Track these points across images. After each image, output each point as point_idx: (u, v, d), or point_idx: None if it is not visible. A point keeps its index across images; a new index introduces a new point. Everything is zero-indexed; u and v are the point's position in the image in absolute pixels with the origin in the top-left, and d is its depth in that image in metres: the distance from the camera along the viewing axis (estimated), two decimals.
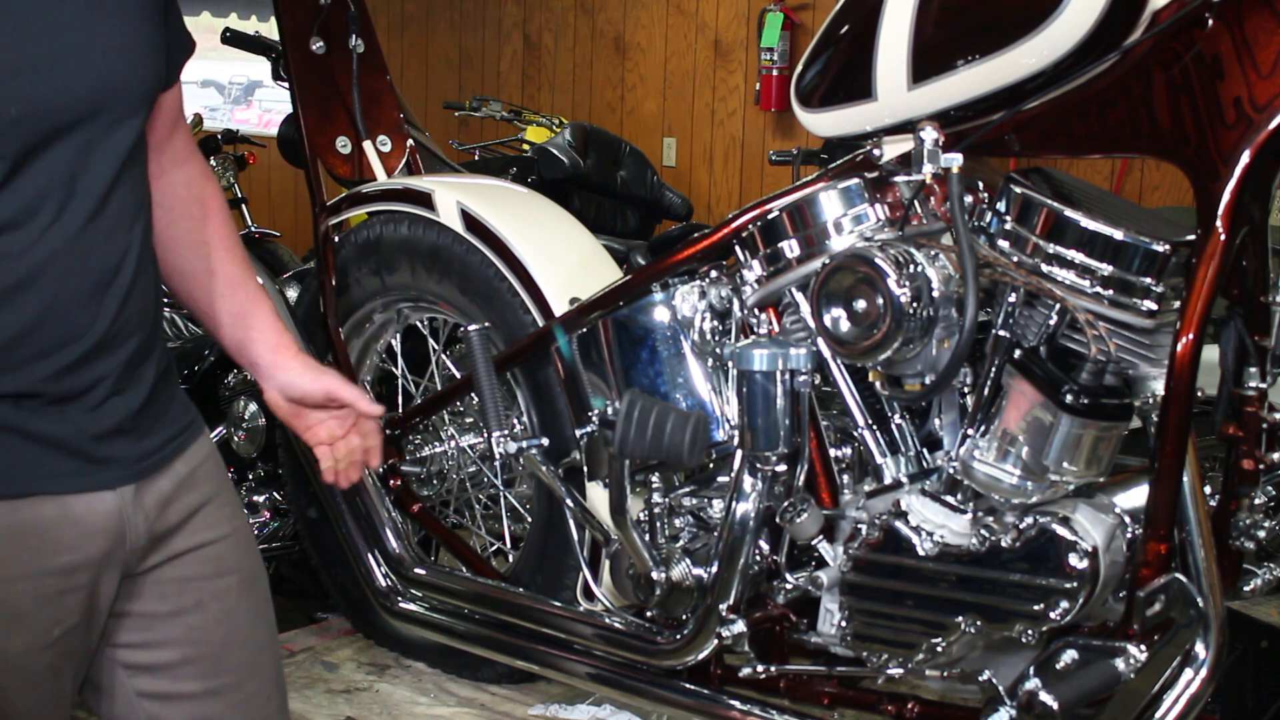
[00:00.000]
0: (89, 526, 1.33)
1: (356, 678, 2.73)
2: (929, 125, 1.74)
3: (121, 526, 1.35)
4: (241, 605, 1.49)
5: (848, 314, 1.80)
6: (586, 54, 6.66)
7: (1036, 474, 1.70)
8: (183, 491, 1.42)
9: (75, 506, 1.32)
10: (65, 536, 1.31)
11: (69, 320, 1.29)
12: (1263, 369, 1.71)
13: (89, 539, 1.33)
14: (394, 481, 2.71)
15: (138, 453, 1.36)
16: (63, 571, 1.32)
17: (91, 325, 1.30)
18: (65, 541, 1.32)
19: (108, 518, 1.34)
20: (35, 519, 1.30)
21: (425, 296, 2.59)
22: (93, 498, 1.33)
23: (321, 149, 2.78)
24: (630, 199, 5.14)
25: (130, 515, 1.36)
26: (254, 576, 1.52)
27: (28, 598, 1.31)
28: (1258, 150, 1.55)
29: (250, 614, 1.50)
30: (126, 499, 1.35)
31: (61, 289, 1.28)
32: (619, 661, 2.19)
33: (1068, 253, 1.70)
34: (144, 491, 1.37)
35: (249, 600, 1.50)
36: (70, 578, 1.33)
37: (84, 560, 1.33)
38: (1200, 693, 1.63)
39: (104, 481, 1.33)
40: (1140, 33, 1.65)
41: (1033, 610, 1.71)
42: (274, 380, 1.61)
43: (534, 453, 2.10)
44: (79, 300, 1.29)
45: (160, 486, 1.39)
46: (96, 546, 1.34)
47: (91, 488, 1.33)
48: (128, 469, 1.35)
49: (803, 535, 1.92)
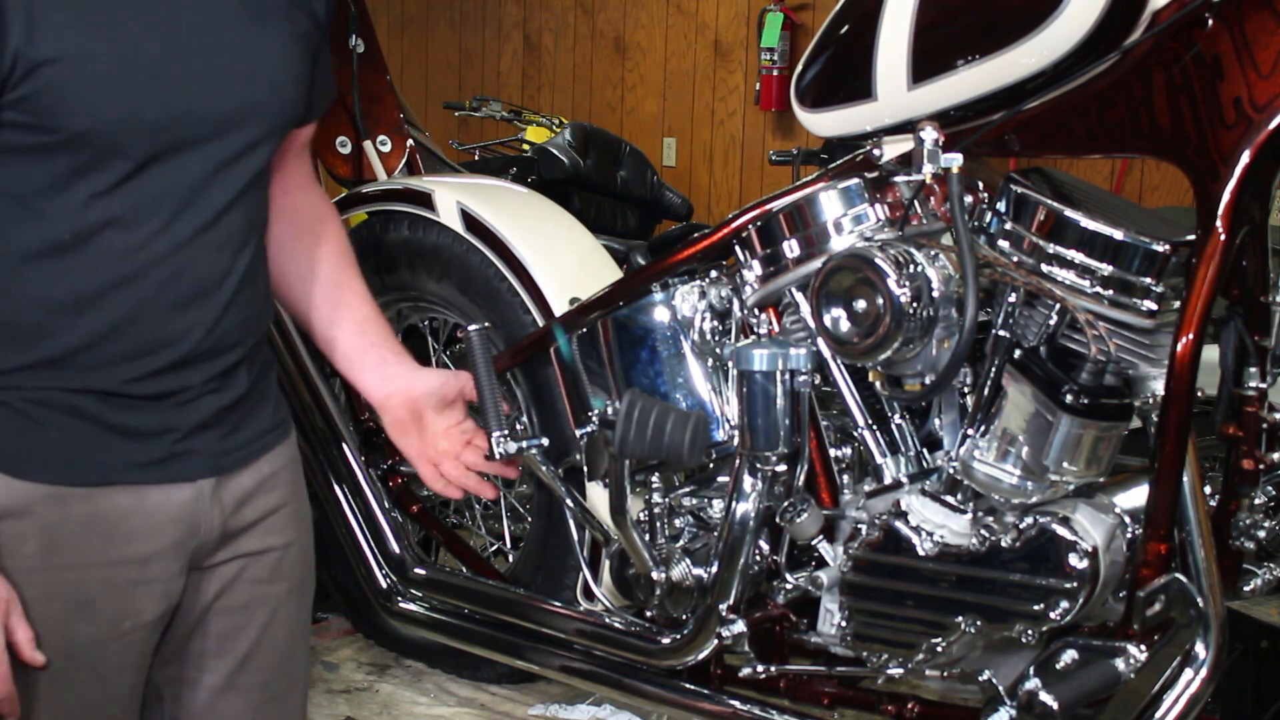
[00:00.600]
0: (163, 516, 1.35)
1: (356, 678, 2.73)
2: (929, 125, 1.73)
3: (195, 518, 1.37)
4: (284, 612, 1.50)
5: (848, 314, 1.80)
6: (586, 54, 6.66)
7: (1036, 474, 1.70)
8: (262, 491, 1.44)
9: (151, 497, 1.34)
10: (138, 526, 1.33)
11: (161, 327, 1.31)
12: (1263, 369, 1.71)
13: (162, 529, 1.35)
14: (394, 481, 2.71)
15: (222, 447, 1.38)
16: (134, 561, 1.34)
17: (184, 336, 1.32)
18: (138, 531, 1.33)
19: (182, 509, 1.35)
20: (111, 508, 1.32)
21: (425, 296, 2.59)
22: (169, 489, 1.35)
23: (321, 149, 2.78)
24: (630, 199, 5.14)
25: (206, 508, 1.37)
26: (304, 586, 1.54)
27: (98, 586, 1.32)
28: (1258, 150, 1.55)
29: (289, 622, 1.52)
30: (204, 492, 1.37)
31: (158, 295, 1.30)
32: (619, 661, 2.19)
33: (1068, 253, 1.70)
34: (224, 486, 1.39)
35: (292, 609, 1.52)
36: (143, 569, 1.34)
37: (156, 550, 1.35)
38: (1200, 693, 1.63)
39: (182, 473, 1.35)
40: (1140, 33, 1.65)
41: (1033, 610, 1.71)
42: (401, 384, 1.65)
43: (534, 453, 2.10)
44: (173, 309, 1.32)
45: (242, 482, 1.41)
46: (169, 536, 1.35)
47: (169, 479, 1.34)
48: (209, 461, 1.37)
49: (803, 535, 1.92)
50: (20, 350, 1.27)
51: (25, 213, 1.26)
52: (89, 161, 1.25)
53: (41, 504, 1.29)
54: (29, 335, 1.27)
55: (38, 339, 1.27)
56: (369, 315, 1.63)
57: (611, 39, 6.56)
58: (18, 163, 1.24)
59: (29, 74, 1.20)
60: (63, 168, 1.24)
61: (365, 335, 1.62)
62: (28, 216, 1.26)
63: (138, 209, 1.28)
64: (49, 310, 1.27)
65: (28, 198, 1.25)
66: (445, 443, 1.78)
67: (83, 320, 1.28)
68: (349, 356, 1.63)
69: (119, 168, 1.26)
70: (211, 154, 1.31)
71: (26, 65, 1.20)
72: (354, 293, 1.62)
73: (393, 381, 1.67)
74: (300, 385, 2.63)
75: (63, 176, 1.25)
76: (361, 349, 1.62)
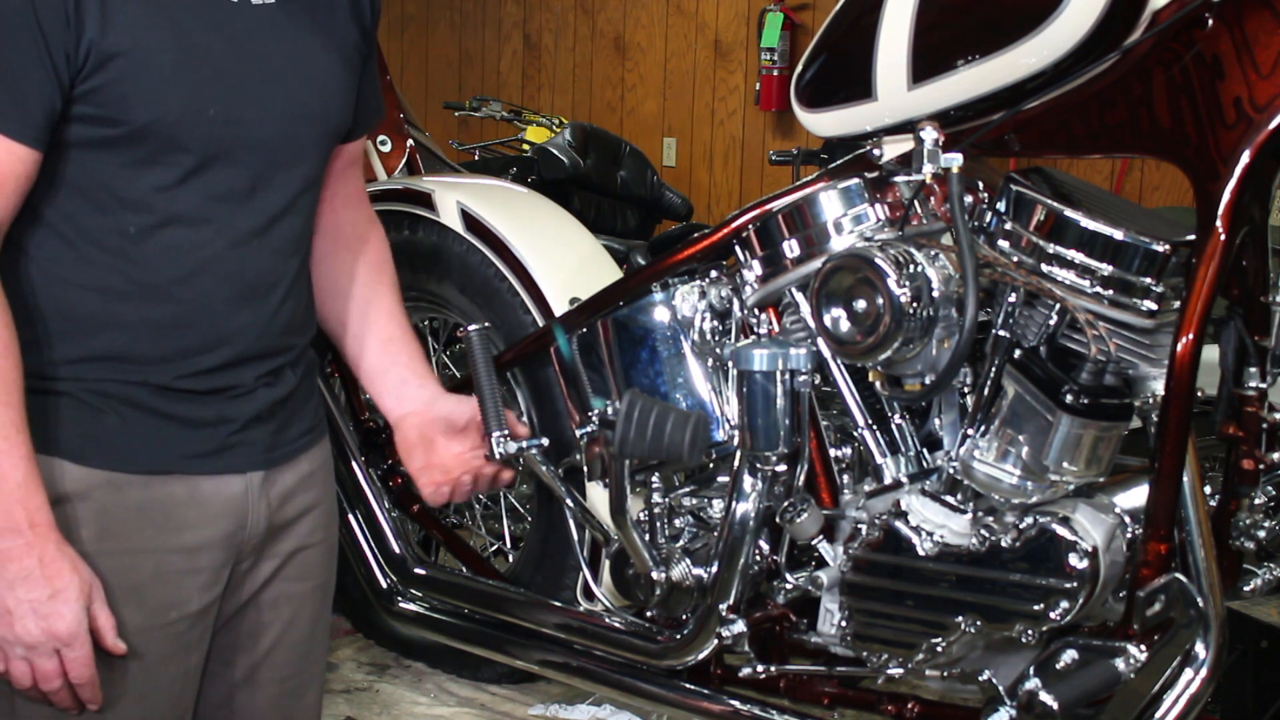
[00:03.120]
0: (215, 508, 1.38)
1: (356, 678, 2.73)
2: (929, 125, 1.73)
3: (245, 511, 1.40)
4: (307, 610, 1.54)
5: (848, 314, 1.80)
6: (586, 54, 6.66)
7: (1036, 474, 1.70)
8: (301, 489, 1.47)
9: (204, 487, 1.37)
10: (190, 516, 1.36)
11: (218, 325, 1.35)
12: (1263, 369, 1.71)
13: (213, 520, 1.38)
14: (394, 481, 2.71)
15: (272, 441, 1.42)
16: (185, 550, 1.37)
17: (240, 335, 1.37)
18: (190, 520, 1.36)
19: (233, 500, 1.39)
20: (165, 497, 1.35)
21: (425, 296, 2.59)
22: (221, 480, 1.38)
23: None
24: (630, 199, 5.14)
25: (255, 502, 1.41)
26: (327, 585, 1.58)
27: (147, 572, 1.35)
28: (1258, 150, 1.55)
29: (310, 619, 1.55)
30: (254, 485, 1.40)
31: (215, 293, 1.34)
32: (619, 661, 2.19)
33: (1068, 253, 1.69)
34: (270, 481, 1.42)
35: (316, 606, 1.56)
36: (192, 558, 1.37)
37: (206, 540, 1.38)
38: (1200, 693, 1.63)
39: (235, 465, 1.39)
40: (1140, 33, 1.65)
41: (1033, 610, 1.71)
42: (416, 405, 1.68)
43: (534, 453, 2.10)
44: (230, 308, 1.36)
45: (285, 479, 1.44)
46: (219, 528, 1.38)
47: (223, 470, 1.38)
48: (260, 455, 1.41)
49: (803, 535, 1.92)
50: (80, 340, 1.31)
51: (91, 205, 1.29)
52: (152, 155, 1.29)
53: (99, 489, 1.32)
54: (89, 325, 1.31)
55: (98, 330, 1.31)
56: (395, 335, 1.66)
57: (611, 39, 6.56)
58: (85, 155, 1.28)
59: (101, 66, 1.24)
60: (127, 160, 1.28)
61: (388, 354, 1.66)
62: (93, 209, 1.29)
63: (200, 206, 1.32)
64: (110, 301, 1.31)
65: (93, 190, 1.29)
66: (453, 467, 1.82)
67: (142, 314, 1.32)
68: (370, 375, 1.68)
69: (181, 163, 1.30)
70: (268, 157, 1.36)
71: (100, 57, 1.24)
72: (384, 311, 1.65)
73: (407, 403, 1.71)
74: None
75: (127, 169, 1.29)
76: (383, 367, 1.67)
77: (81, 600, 1.26)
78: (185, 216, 1.32)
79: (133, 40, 1.25)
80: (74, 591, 1.26)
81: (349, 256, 1.63)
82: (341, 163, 1.57)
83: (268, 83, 1.35)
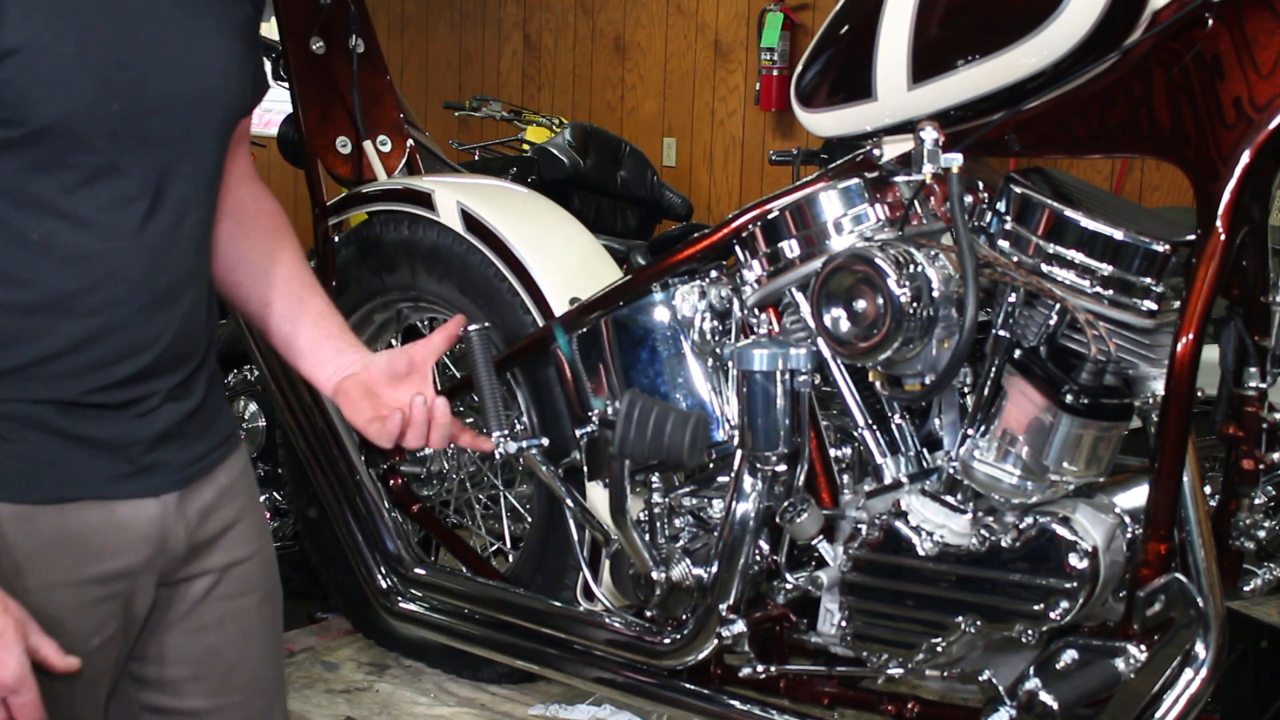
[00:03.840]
0: (133, 533, 1.31)
1: (356, 678, 2.73)
2: (929, 125, 1.73)
3: (164, 534, 1.34)
4: (257, 625, 1.48)
5: (848, 314, 1.80)
6: (586, 54, 6.66)
7: (1036, 474, 1.70)
8: (222, 503, 1.41)
9: (120, 512, 1.30)
10: (109, 543, 1.30)
11: (133, 333, 1.28)
12: (1263, 369, 1.71)
13: (132, 546, 1.31)
14: (394, 481, 2.71)
15: (184, 459, 1.35)
16: (103, 579, 1.30)
17: (155, 341, 1.29)
18: (109, 548, 1.30)
19: (151, 524, 1.32)
20: (81, 525, 1.28)
21: (425, 297, 2.59)
22: (138, 504, 1.31)
23: (321, 149, 2.78)
24: (630, 199, 5.14)
25: (172, 523, 1.34)
26: (272, 594, 1.51)
27: (67, 606, 1.28)
28: (1258, 150, 1.55)
29: (263, 633, 1.49)
30: (170, 506, 1.34)
31: (130, 299, 1.27)
32: (619, 661, 2.19)
33: (1068, 253, 1.70)
34: (187, 500, 1.36)
35: (264, 619, 1.49)
36: (109, 585, 1.31)
37: (125, 568, 1.32)
38: (1200, 693, 1.63)
39: (150, 488, 1.32)
40: (1140, 33, 1.65)
41: (1033, 610, 1.71)
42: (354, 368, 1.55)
43: (534, 453, 2.10)
44: (145, 314, 1.28)
45: (203, 495, 1.38)
46: (139, 554, 1.32)
47: (138, 494, 1.31)
48: (174, 475, 1.34)
49: (803, 535, 1.92)
50: None
51: None
52: (55, 156, 1.21)
53: (10, 524, 1.25)
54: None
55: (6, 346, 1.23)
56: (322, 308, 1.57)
57: (611, 39, 6.56)
58: None
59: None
60: (27, 164, 1.20)
61: (320, 328, 1.56)
62: None
63: (106, 208, 1.24)
64: (18, 316, 1.23)
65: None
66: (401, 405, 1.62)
67: (54, 327, 1.24)
68: (305, 351, 1.56)
69: (86, 163, 1.22)
70: (174, 148, 1.28)
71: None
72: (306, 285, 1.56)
73: (346, 369, 1.57)
74: (299, 385, 2.64)
75: (27, 173, 1.21)
76: (318, 341, 1.55)
77: (20, 643, 1.18)
78: (91, 220, 1.23)
79: (28, 36, 1.16)
80: (11, 635, 1.18)
81: (260, 235, 1.53)
82: (234, 139, 1.48)
83: (169, 69, 1.27)
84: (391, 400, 1.59)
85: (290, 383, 2.65)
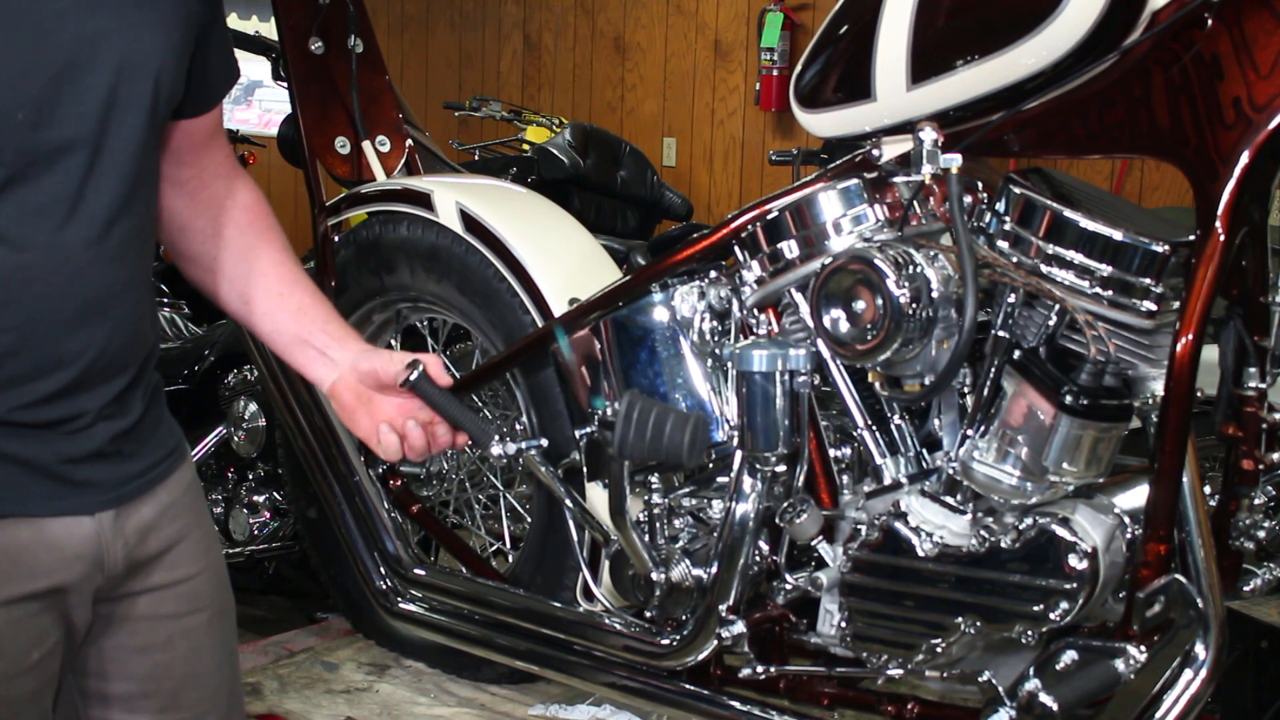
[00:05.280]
0: (66, 551, 1.27)
1: (356, 678, 2.73)
2: (928, 125, 1.73)
3: (99, 552, 1.30)
4: (208, 642, 1.44)
5: (847, 315, 1.79)
6: (586, 54, 6.66)
7: (1036, 474, 1.70)
8: (164, 521, 1.37)
9: (52, 530, 1.27)
10: (41, 561, 1.26)
11: (53, 348, 1.23)
12: (1262, 369, 1.71)
13: (66, 564, 1.28)
14: (394, 482, 2.71)
15: (118, 477, 1.31)
16: (37, 596, 1.27)
17: (79, 356, 1.25)
18: (41, 566, 1.26)
19: (85, 542, 1.29)
20: (9, 542, 1.25)
21: (424, 297, 2.59)
22: (70, 521, 1.27)
23: (321, 149, 2.78)
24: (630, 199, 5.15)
25: (109, 541, 1.31)
26: (224, 611, 1.48)
27: (2, 625, 1.25)
28: (1257, 150, 1.55)
29: (215, 650, 1.46)
30: (105, 524, 1.30)
31: (48, 314, 1.22)
32: (618, 662, 2.19)
33: (1067, 253, 1.69)
34: (125, 517, 1.32)
35: (216, 636, 1.46)
36: (43, 600, 1.28)
37: (59, 584, 1.28)
38: (1200, 693, 1.63)
39: (82, 506, 1.28)
40: (1140, 33, 1.65)
41: (1032, 611, 1.71)
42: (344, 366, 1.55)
43: (533, 453, 2.10)
44: (66, 328, 1.24)
45: (142, 513, 1.34)
46: (73, 572, 1.28)
47: (68, 511, 1.27)
48: (107, 493, 1.30)
49: (802, 536, 1.92)
50: None
51: None
52: None
53: None
54: None
55: None
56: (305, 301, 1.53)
57: (611, 39, 6.56)
58: None
59: None
60: None
61: (301, 324, 1.53)
62: None
63: (18, 221, 1.19)
64: None
65: None
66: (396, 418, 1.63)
67: None
68: (290, 348, 1.54)
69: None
70: (91, 155, 1.23)
71: None
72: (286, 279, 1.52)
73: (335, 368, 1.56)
74: (299, 385, 2.64)
75: None
76: (301, 338, 1.53)
77: None
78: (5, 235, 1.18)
79: None
80: None
81: (235, 232, 1.49)
82: (202, 136, 1.43)
83: (82, 72, 1.20)
84: (386, 407, 1.59)
85: (289, 382, 2.65)
